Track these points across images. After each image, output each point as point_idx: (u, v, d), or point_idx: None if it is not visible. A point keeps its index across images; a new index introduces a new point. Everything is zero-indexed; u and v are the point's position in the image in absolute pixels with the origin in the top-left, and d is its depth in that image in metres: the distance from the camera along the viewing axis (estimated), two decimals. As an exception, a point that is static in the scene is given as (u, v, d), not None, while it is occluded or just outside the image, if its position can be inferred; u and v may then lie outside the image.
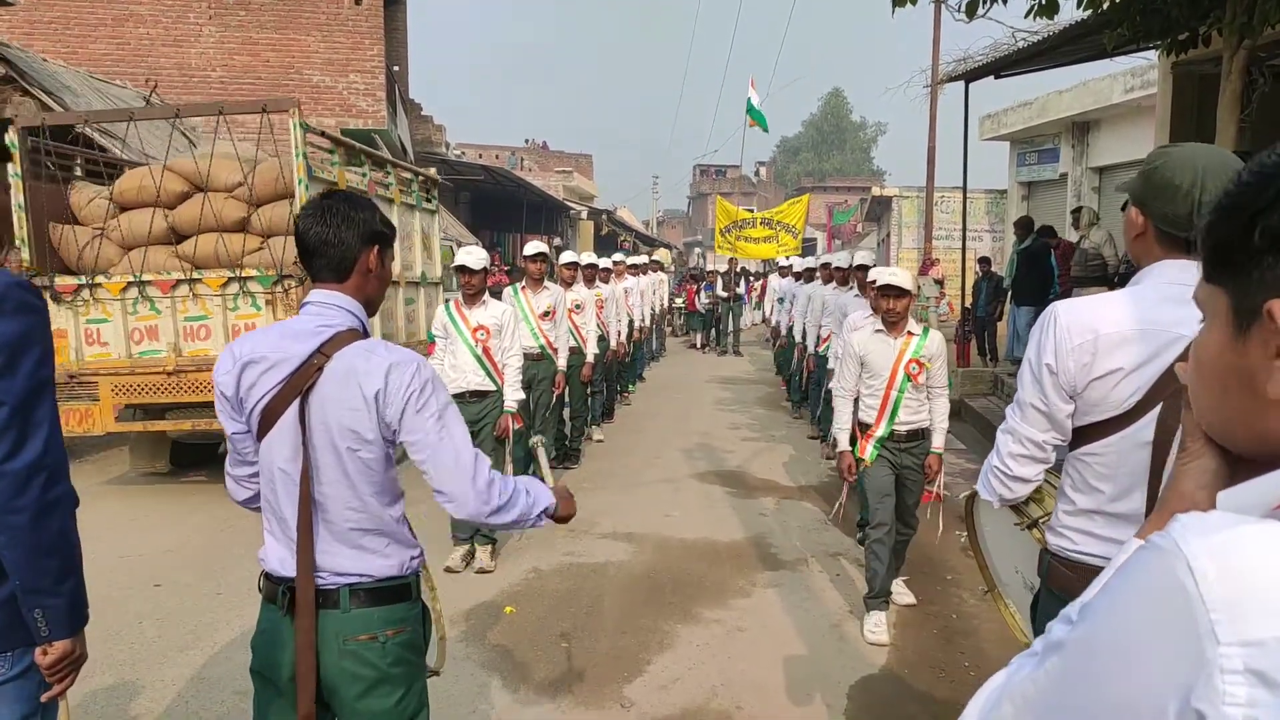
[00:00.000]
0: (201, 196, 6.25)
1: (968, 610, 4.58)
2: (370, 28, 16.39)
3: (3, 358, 1.64)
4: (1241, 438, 0.79)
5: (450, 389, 5.11)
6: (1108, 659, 0.63)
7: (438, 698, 3.57)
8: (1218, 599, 0.58)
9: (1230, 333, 0.75)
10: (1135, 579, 0.64)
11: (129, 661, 3.95)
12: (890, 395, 4.43)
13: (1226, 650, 0.57)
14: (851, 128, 76.61)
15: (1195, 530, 0.62)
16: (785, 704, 3.66)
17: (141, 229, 6.28)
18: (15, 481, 1.62)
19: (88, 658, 1.83)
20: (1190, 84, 8.00)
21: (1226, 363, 0.76)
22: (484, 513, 1.90)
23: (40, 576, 1.67)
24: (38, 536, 1.65)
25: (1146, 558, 0.63)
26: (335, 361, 1.85)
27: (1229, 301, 0.75)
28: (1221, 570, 0.59)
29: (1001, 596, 2.45)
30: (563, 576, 5.14)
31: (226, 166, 6.36)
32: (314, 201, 1.97)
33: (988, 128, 17.84)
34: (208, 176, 6.33)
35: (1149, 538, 0.65)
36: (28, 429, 1.66)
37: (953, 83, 11.15)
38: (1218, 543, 0.60)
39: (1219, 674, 0.57)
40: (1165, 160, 1.71)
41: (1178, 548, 0.61)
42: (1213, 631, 0.57)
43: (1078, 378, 1.72)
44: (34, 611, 1.68)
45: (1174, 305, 1.68)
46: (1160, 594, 0.61)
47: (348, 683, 1.88)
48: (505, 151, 39.73)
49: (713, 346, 18.95)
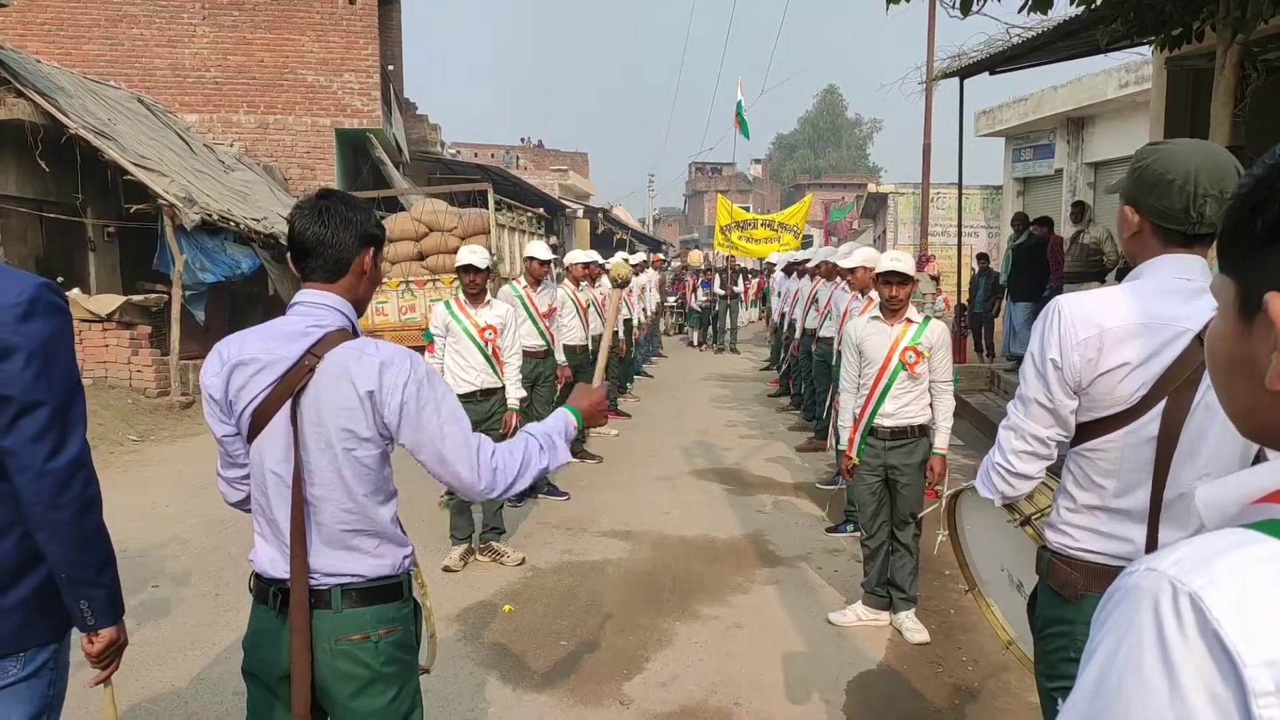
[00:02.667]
0: (437, 234, 10.82)
1: (965, 605, 4.58)
2: (364, 27, 16.37)
3: (40, 359, 1.67)
4: (1250, 426, 0.79)
5: (458, 389, 5.15)
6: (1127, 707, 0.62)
7: (437, 696, 3.58)
8: (1233, 625, 0.58)
9: (1237, 322, 0.76)
10: (1142, 622, 0.63)
11: (127, 662, 3.91)
12: (879, 383, 4.22)
13: (1254, 672, 0.57)
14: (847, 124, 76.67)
15: (1191, 564, 0.62)
16: (784, 700, 3.67)
17: (404, 251, 10.70)
18: (59, 479, 1.68)
19: (129, 644, 1.92)
20: (1184, 79, 8.02)
21: (1234, 352, 0.77)
22: (497, 491, 1.91)
23: (84, 569, 1.74)
24: (81, 531, 1.71)
25: (1143, 599, 0.64)
26: (327, 362, 1.83)
27: (1236, 291, 0.75)
28: (1231, 598, 0.60)
29: (982, 595, 2.44)
30: (561, 574, 5.14)
31: (448, 215, 11.00)
32: (309, 201, 1.94)
33: (983, 124, 17.86)
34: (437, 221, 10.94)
35: (1137, 579, 0.65)
36: (67, 428, 1.71)
37: (948, 79, 11.15)
38: (1220, 572, 0.61)
39: (1253, 698, 0.57)
40: (1156, 157, 1.70)
41: (1179, 584, 0.61)
42: (1238, 655, 0.58)
43: (1083, 372, 1.71)
44: (79, 602, 1.76)
45: (1176, 299, 1.68)
46: (1177, 632, 0.61)
47: (341, 682, 1.88)
48: (500, 150, 39.70)
49: (710, 344, 18.95)
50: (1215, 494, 0.73)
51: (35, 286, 1.70)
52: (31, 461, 1.65)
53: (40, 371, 1.66)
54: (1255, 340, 0.73)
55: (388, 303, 10.62)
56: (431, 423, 1.85)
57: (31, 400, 1.65)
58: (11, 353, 1.64)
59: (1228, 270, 0.77)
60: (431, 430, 1.85)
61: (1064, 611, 1.81)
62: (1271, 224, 0.70)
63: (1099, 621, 0.69)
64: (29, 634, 1.75)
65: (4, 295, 1.66)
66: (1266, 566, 0.61)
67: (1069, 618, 1.79)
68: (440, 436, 1.85)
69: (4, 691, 1.73)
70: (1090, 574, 1.77)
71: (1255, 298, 0.72)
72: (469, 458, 1.87)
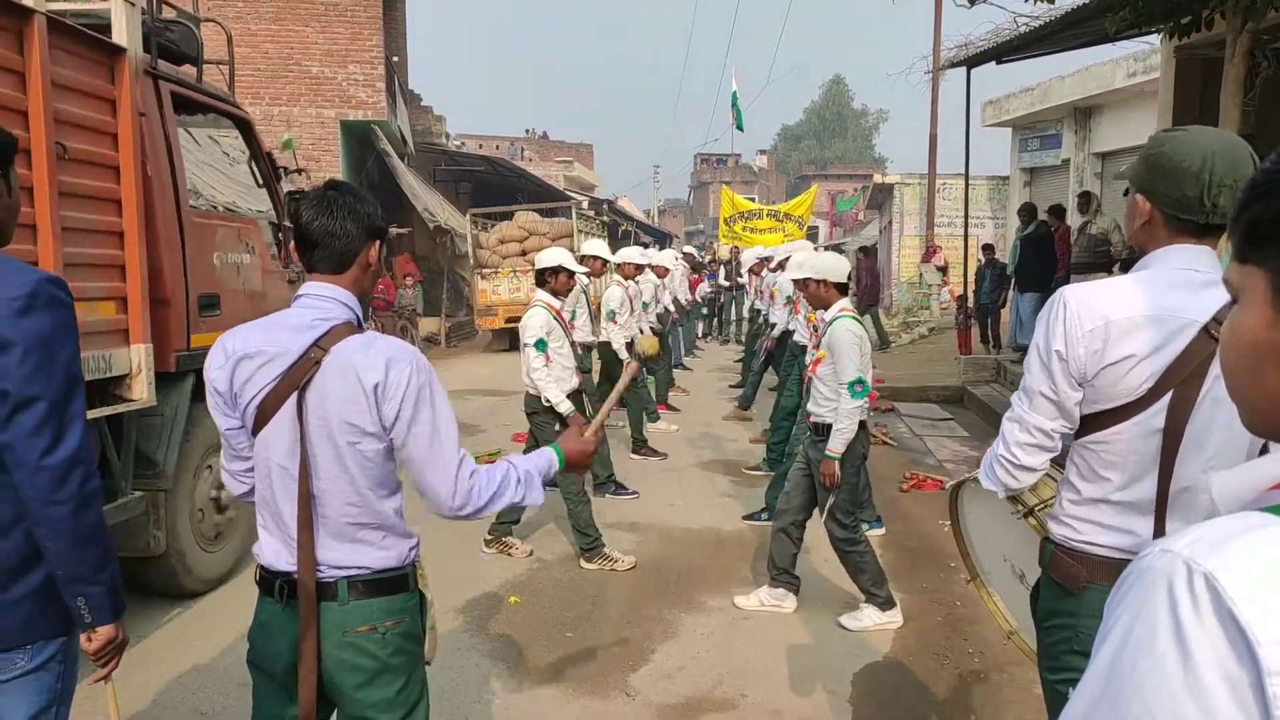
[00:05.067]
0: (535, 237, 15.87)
1: (971, 597, 4.58)
2: (369, 18, 16.33)
3: (38, 353, 1.66)
4: (1274, 417, 0.78)
5: (565, 387, 5.28)
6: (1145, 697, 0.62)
7: (443, 688, 3.59)
8: (1248, 604, 0.58)
9: (1272, 310, 0.74)
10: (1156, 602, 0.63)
11: (130, 655, 3.96)
12: (806, 379, 4.47)
13: (1269, 651, 0.57)
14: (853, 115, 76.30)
15: (1206, 545, 0.62)
16: (789, 692, 3.67)
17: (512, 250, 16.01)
18: (55, 475, 1.67)
19: (129, 641, 1.91)
20: (1193, 68, 7.96)
21: (1266, 341, 0.75)
22: (466, 510, 1.89)
23: (81, 565, 1.72)
24: (78, 527, 1.70)
25: (1158, 579, 0.64)
26: (333, 355, 1.82)
27: (1269, 279, 0.74)
28: (1247, 578, 0.60)
29: (984, 585, 2.43)
30: (567, 566, 5.14)
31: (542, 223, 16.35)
32: (316, 192, 1.92)
33: (990, 114, 17.75)
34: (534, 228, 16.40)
35: (1151, 560, 0.65)
36: (64, 423, 1.69)
37: (954, 69, 11.10)
38: (1235, 553, 0.61)
39: (1268, 677, 0.57)
40: (1170, 144, 1.67)
41: (1194, 565, 0.61)
42: (1252, 634, 0.58)
43: (1088, 365, 1.69)
44: (76, 600, 1.74)
45: (1184, 290, 1.66)
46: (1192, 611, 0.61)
47: (348, 674, 1.88)
48: (505, 142, 39.64)
49: (715, 335, 18.91)
50: (1230, 482, 0.73)
51: (36, 281, 1.69)
52: (28, 457, 1.65)
53: (38, 366, 1.66)
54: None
55: (501, 285, 15.91)
56: (425, 426, 1.84)
57: (28, 395, 1.64)
58: (8, 347, 1.63)
59: (1256, 259, 0.75)
60: (423, 433, 1.84)
61: (1066, 604, 1.80)
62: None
63: (1113, 604, 0.69)
64: (36, 627, 1.75)
65: (3, 289, 1.65)
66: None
67: (1071, 610, 1.79)
68: (429, 441, 1.84)
69: (12, 684, 1.74)
70: (1093, 567, 1.76)
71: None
72: (450, 470, 1.86)
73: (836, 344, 4.16)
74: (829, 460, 4.12)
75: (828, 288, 4.34)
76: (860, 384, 4.10)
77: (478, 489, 1.89)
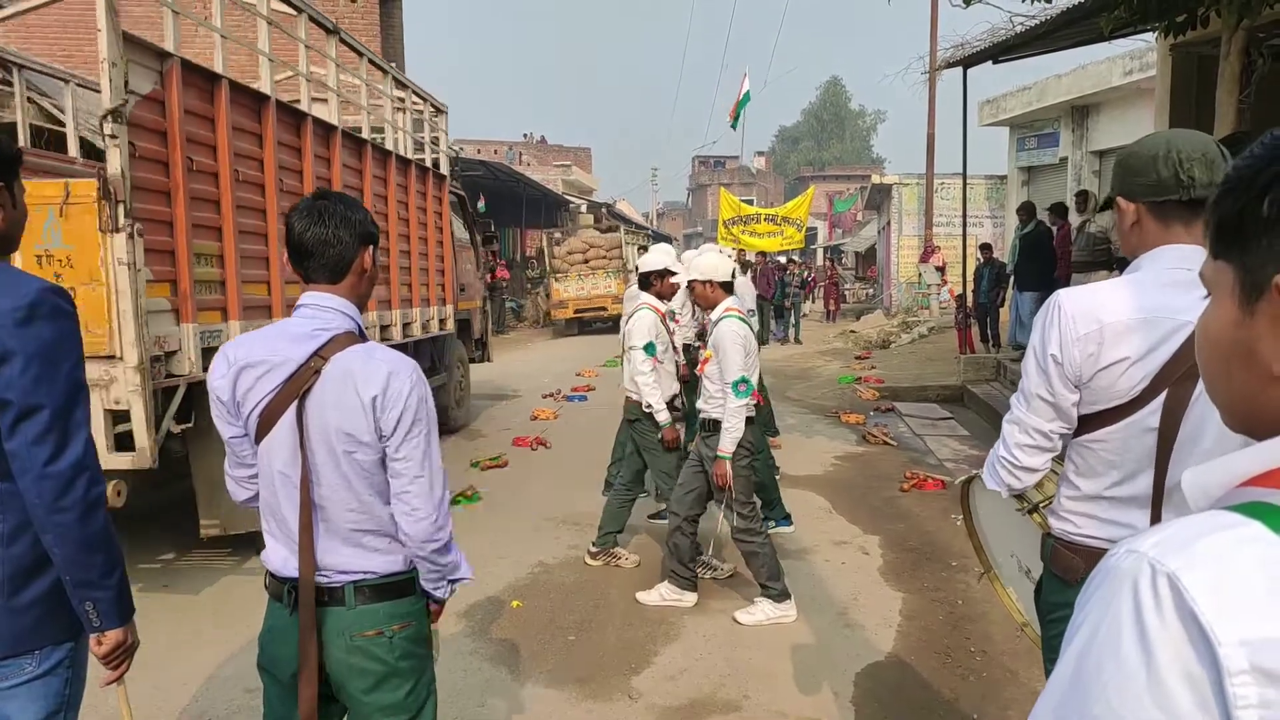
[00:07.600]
0: (595, 249, 22.66)
1: (974, 596, 4.59)
2: (366, 25, 16.38)
3: (40, 363, 1.67)
4: (1243, 415, 0.78)
5: (667, 395, 5.11)
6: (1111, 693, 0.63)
7: (446, 692, 3.59)
8: (1209, 605, 0.59)
9: (1237, 308, 0.74)
10: (1121, 603, 0.64)
11: (139, 659, 3.95)
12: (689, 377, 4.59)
13: (1228, 651, 0.57)
14: (850, 116, 76.42)
15: (1170, 546, 0.63)
16: (792, 692, 3.68)
17: (576, 259, 22.34)
18: (60, 482, 1.68)
19: (139, 644, 1.93)
20: (1189, 65, 7.98)
21: (1232, 338, 0.75)
22: (439, 534, 1.89)
23: (88, 571, 1.74)
24: (85, 533, 1.72)
25: (1124, 580, 0.64)
26: (333, 365, 1.83)
27: (1236, 276, 0.74)
28: (1209, 579, 0.60)
29: (998, 578, 2.47)
30: (569, 570, 5.15)
31: (599, 236, 23.32)
32: (306, 202, 1.91)
33: (987, 113, 17.79)
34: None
35: (1118, 560, 0.66)
36: (68, 431, 1.71)
37: (951, 68, 11.11)
38: (1199, 554, 0.62)
39: (1227, 677, 0.57)
40: (1134, 145, 1.80)
41: (1159, 565, 0.62)
42: (1213, 634, 0.58)
43: (1084, 368, 1.73)
44: (85, 604, 1.76)
45: (1176, 291, 1.68)
46: (1155, 613, 0.61)
47: (356, 677, 1.89)
48: (503, 146, 39.69)
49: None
50: (1201, 476, 0.74)
51: (37, 290, 1.70)
52: (32, 465, 1.66)
53: (40, 375, 1.67)
54: (1258, 327, 0.72)
55: (571, 284, 21.94)
56: (419, 444, 1.85)
57: (31, 404, 1.66)
58: (10, 357, 1.65)
59: (1225, 255, 0.75)
60: (415, 451, 1.85)
61: (1067, 596, 1.83)
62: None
63: (1081, 603, 0.70)
64: (44, 632, 1.77)
65: (5, 299, 1.67)
66: (1246, 548, 0.61)
67: (1071, 603, 1.80)
68: (421, 458, 1.85)
69: (20, 688, 1.75)
70: (1091, 559, 1.78)
71: (1260, 282, 0.71)
72: (438, 491, 1.88)
73: (721, 343, 4.22)
74: (720, 460, 4.20)
75: (714, 288, 4.40)
76: (744, 383, 4.17)
77: (450, 523, 1.93)
